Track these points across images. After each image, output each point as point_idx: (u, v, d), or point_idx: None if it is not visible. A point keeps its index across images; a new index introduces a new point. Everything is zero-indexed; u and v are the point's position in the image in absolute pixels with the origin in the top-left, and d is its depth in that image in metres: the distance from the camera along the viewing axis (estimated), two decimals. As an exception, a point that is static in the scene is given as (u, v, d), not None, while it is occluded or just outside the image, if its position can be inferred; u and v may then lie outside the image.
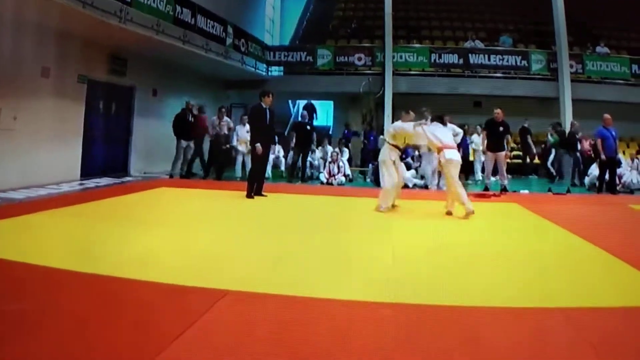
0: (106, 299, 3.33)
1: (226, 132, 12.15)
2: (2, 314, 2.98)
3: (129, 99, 12.45)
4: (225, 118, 12.24)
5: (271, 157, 12.34)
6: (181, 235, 5.47)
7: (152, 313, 3.13)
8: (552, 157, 14.18)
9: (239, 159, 12.38)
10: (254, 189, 8.61)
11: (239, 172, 12.40)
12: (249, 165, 11.59)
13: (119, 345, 2.65)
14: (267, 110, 8.67)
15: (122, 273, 3.85)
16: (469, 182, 12.18)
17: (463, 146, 12.57)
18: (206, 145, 12.39)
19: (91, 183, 10.03)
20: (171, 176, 11.59)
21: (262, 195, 8.71)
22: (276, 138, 12.13)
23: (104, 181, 10.39)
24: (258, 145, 8.47)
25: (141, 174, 12.09)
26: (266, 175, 10.37)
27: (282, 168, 13.37)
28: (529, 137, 14.61)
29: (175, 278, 3.75)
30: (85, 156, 10.74)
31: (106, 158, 11.72)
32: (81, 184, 9.86)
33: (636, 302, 3.54)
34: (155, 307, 3.23)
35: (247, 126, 11.40)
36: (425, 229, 6.42)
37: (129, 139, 12.49)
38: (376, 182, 12.16)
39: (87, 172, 10.73)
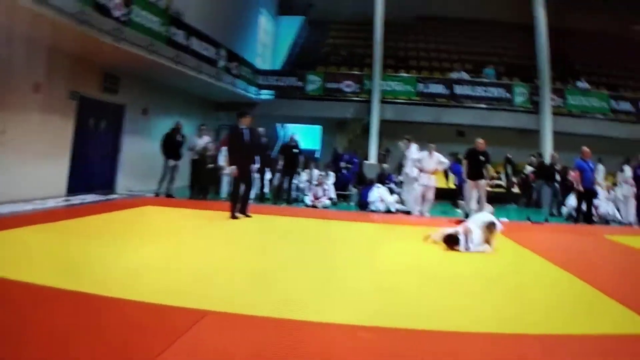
0: (87, 317, 3.34)
1: (212, 152, 12.28)
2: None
3: (119, 117, 12.56)
4: (205, 137, 12.28)
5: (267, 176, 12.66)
6: (164, 254, 5.48)
7: (131, 332, 3.12)
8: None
9: (225, 178, 12.48)
10: (239, 208, 8.69)
11: (224, 192, 12.49)
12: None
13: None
14: (247, 131, 8.72)
15: (104, 291, 3.86)
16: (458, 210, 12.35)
17: (457, 173, 12.88)
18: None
19: (77, 199, 10.00)
20: (157, 195, 11.63)
21: (247, 215, 8.77)
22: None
23: (89, 198, 10.37)
24: (233, 167, 8.54)
25: (127, 191, 12.13)
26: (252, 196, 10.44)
27: (266, 190, 13.49)
28: (509, 167, 14.96)
29: (156, 297, 3.77)
30: (73, 172, 10.77)
31: (93, 175, 11.76)
32: (67, 200, 9.83)
33: (608, 329, 3.62)
34: (135, 326, 3.23)
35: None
36: (406, 253, 6.46)
37: (117, 156, 12.56)
38: (360, 206, 12.41)
39: (74, 188, 10.75)
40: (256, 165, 9.78)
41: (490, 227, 6.65)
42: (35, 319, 3.24)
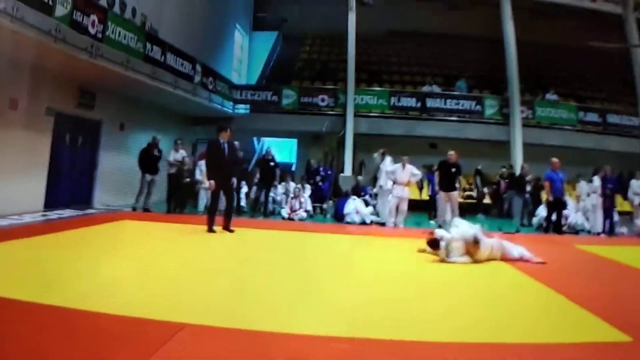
0: (63, 331, 3.32)
1: (189, 166, 12.39)
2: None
3: (96, 133, 12.57)
4: (181, 150, 12.40)
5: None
6: (141, 268, 5.47)
7: (109, 345, 3.11)
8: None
9: (202, 192, 12.58)
10: (224, 224, 8.67)
11: (202, 206, 12.57)
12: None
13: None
14: (226, 145, 8.72)
15: (81, 305, 3.83)
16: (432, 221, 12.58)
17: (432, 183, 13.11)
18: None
19: (54, 214, 9.92)
20: (134, 209, 11.65)
21: (230, 230, 8.64)
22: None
23: (67, 213, 10.30)
24: (211, 182, 8.48)
25: (105, 206, 12.11)
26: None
27: (243, 203, 13.60)
28: (478, 178, 15.35)
29: (134, 310, 3.74)
30: (50, 188, 10.76)
31: (71, 190, 11.74)
32: (44, 215, 9.75)
33: (581, 338, 3.69)
34: (112, 340, 3.20)
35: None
36: (381, 264, 6.57)
37: (94, 171, 12.56)
38: (336, 218, 12.62)
39: (51, 203, 10.71)
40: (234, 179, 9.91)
41: (474, 241, 6.67)
42: (10, 334, 3.21)
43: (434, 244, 6.80)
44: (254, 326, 3.58)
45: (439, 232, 7.00)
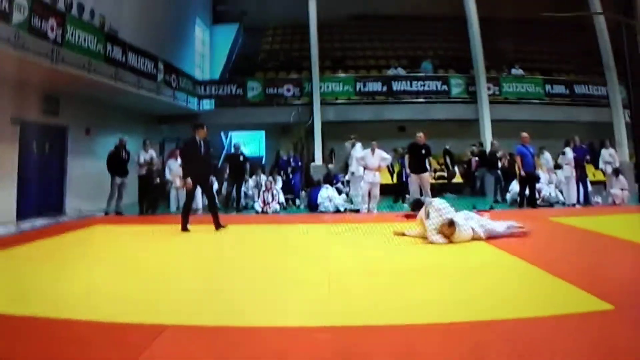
0: (42, 341, 3.29)
1: (157, 166, 12.28)
2: None
3: (62, 139, 12.39)
4: (150, 151, 12.32)
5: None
6: (117, 272, 5.42)
7: (89, 353, 3.08)
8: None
9: (173, 192, 12.49)
10: (215, 222, 8.58)
11: (173, 206, 12.50)
12: (182, 199, 11.82)
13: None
14: (202, 143, 8.67)
15: (58, 314, 3.78)
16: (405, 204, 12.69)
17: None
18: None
19: (27, 224, 9.79)
20: (106, 213, 11.52)
21: (221, 226, 8.57)
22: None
23: (39, 222, 10.13)
24: (188, 179, 8.42)
25: (77, 212, 11.89)
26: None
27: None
28: (447, 158, 15.54)
29: (112, 316, 3.69)
30: (21, 197, 10.62)
31: (42, 198, 11.55)
32: (16, 226, 9.61)
33: (561, 310, 3.71)
34: (92, 347, 3.17)
35: (180, 160, 11.69)
36: (359, 250, 6.54)
37: (64, 178, 12.39)
38: (310, 208, 12.65)
39: (23, 213, 10.56)
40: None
41: (450, 224, 6.64)
42: None
43: (416, 205, 6.77)
44: (236, 322, 3.59)
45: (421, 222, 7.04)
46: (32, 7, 8.96)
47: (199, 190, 10.11)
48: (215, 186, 13.23)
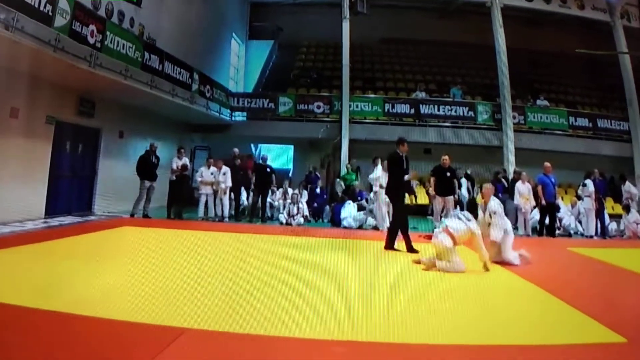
0: (65, 337, 3.38)
1: (189, 172, 12.56)
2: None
3: (95, 140, 12.73)
4: (184, 157, 12.59)
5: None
6: (142, 274, 5.52)
7: (111, 350, 3.18)
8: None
9: (202, 199, 12.71)
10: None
11: (201, 212, 12.70)
12: (211, 206, 12.21)
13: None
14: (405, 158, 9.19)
15: (81, 310, 3.87)
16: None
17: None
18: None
19: (55, 221, 10.04)
20: (133, 215, 11.72)
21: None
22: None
23: (68, 220, 10.44)
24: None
25: (105, 213, 12.22)
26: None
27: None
28: (468, 182, 15.54)
29: (134, 315, 3.79)
30: (51, 195, 10.88)
31: (71, 197, 11.88)
32: (45, 222, 9.87)
33: (574, 339, 3.75)
34: (114, 344, 3.27)
35: (212, 168, 12.18)
36: (379, 268, 6.67)
37: (94, 178, 12.69)
38: (333, 223, 12.79)
39: (52, 210, 10.85)
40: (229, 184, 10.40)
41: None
42: (14, 340, 3.27)
43: None
44: (254, 330, 3.64)
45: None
46: (74, 13, 9.30)
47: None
48: (244, 195, 13.55)
